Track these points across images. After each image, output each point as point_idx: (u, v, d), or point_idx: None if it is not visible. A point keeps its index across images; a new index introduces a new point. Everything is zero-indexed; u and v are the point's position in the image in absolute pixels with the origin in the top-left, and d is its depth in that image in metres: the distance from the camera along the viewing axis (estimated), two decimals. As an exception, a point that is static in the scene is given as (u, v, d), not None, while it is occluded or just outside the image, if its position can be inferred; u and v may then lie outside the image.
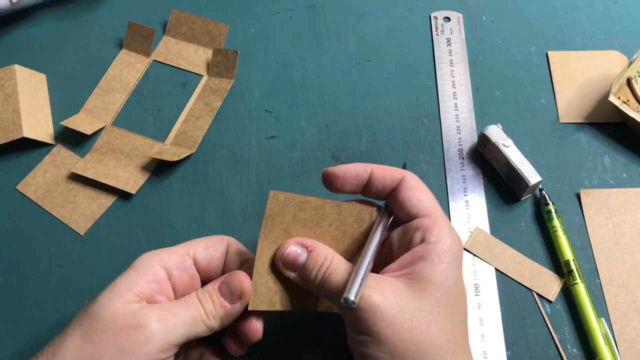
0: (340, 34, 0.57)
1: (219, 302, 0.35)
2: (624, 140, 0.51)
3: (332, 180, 0.38)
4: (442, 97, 0.53)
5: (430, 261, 0.34)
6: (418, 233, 0.35)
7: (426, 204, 0.36)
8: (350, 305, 0.31)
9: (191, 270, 0.37)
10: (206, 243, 0.38)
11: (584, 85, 0.54)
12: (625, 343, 0.43)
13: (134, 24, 0.55)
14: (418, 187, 0.37)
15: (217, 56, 0.54)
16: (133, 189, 0.49)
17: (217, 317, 0.35)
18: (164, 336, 0.33)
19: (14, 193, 0.49)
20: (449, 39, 0.56)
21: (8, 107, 0.51)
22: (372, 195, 0.38)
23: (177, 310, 0.34)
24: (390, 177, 0.37)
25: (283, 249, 0.36)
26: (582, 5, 0.59)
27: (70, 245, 0.47)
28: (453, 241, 0.35)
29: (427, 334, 0.32)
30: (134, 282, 0.34)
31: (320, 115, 0.53)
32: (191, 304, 0.35)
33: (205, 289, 0.36)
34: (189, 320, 0.34)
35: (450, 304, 0.34)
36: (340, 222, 0.37)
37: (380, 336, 0.32)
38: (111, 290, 0.34)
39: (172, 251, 0.37)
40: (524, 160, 0.47)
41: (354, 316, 0.33)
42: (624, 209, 0.48)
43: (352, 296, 0.31)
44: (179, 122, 0.52)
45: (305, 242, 0.36)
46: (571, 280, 0.44)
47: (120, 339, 0.32)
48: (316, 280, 0.35)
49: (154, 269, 0.35)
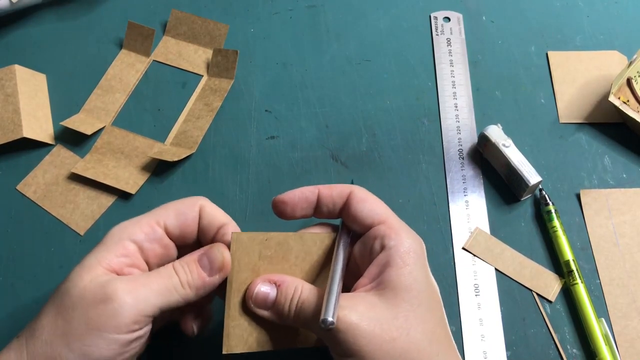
0: (340, 34, 0.57)
1: (197, 272, 0.34)
2: (624, 141, 0.51)
3: (282, 207, 0.37)
4: (442, 97, 0.53)
5: (395, 266, 0.34)
6: (377, 241, 0.35)
7: (378, 212, 0.36)
8: (329, 327, 0.31)
9: (164, 240, 0.36)
10: (177, 209, 0.37)
11: (584, 85, 0.54)
12: (625, 343, 0.43)
13: (134, 24, 0.55)
14: (367, 197, 0.37)
15: (217, 56, 0.54)
16: (133, 189, 0.49)
17: (193, 287, 0.34)
18: (133, 307, 0.32)
19: (14, 193, 0.49)
20: (449, 39, 0.56)
21: (8, 107, 0.51)
22: (325, 215, 0.38)
23: (147, 280, 0.33)
24: (338, 194, 0.37)
25: (252, 290, 0.35)
26: (582, 5, 0.59)
27: (70, 245, 0.47)
28: (412, 241, 0.35)
29: (409, 340, 0.32)
30: (102, 257, 0.34)
31: (320, 115, 0.53)
32: (164, 274, 0.34)
33: (183, 259, 0.35)
34: (161, 289, 0.33)
35: (424, 304, 0.34)
36: (306, 252, 0.37)
37: (364, 353, 0.31)
38: (80, 267, 0.34)
39: (142, 222, 0.36)
40: (524, 160, 0.47)
41: (334, 339, 0.32)
42: (624, 209, 0.48)
43: (330, 316, 0.31)
44: (179, 122, 0.52)
45: (272, 277, 0.35)
46: (571, 280, 0.44)
47: (90, 314, 0.32)
48: (290, 314, 0.34)
49: (123, 243, 0.35)
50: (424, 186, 0.49)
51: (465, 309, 0.44)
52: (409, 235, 0.36)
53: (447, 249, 0.46)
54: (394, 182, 0.49)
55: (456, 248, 0.46)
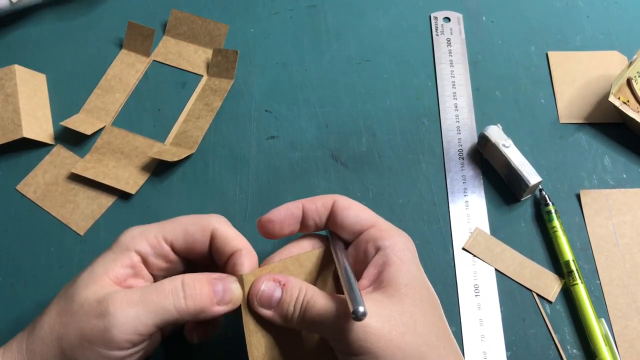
0: (340, 34, 0.57)
1: (208, 295, 0.34)
2: (624, 141, 0.51)
3: (270, 227, 0.37)
4: (442, 97, 0.53)
5: (393, 264, 0.34)
6: (370, 244, 0.36)
7: (366, 217, 0.37)
8: (361, 317, 0.30)
9: (170, 257, 0.36)
10: (186, 230, 0.36)
11: (584, 85, 0.54)
12: (625, 343, 0.43)
13: (134, 24, 0.55)
14: (351, 204, 0.37)
15: (217, 56, 0.54)
16: (133, 189, 0.49)
17: (198, 307, 0.33)
18: (126, 325, 0.32)
19: (14, 193, 0.49)
20: (449, 39, 0.56)
21: (8, 107, 0.51)
22: (312, 228, 0.38)
23: (146, 298, 0.32)
24: (322, 205, 0.37)
25: (256, 288, 0.34)
26: (582, 5, 0.59)
27: (70, 245, 0.47)
28: (406, 240, 0.36)
29: (417, 335, 0.32)
30: (110, 268, 0.34)
31: (320, 115, 0.53)
32: (163, 290, 0.33)
33: (196, 276, 0.34)
34: (158, 309, 0.32)
35: (425, 299, 0.34)
36: (307, 273, 0.37)
37: (376, 350, 0.31)
38: (90, 273, 0.34)
39: (150, 234, 0.35)
40: (523, 160, 0.47)
41: (344, 339, 0.32)
42: (624, 209, 0.48)
43: (360, 306, 0.30)
44: (179, 122, 0.52)
45: (277, 277, 0.35)
46: (571, 280, 0.44)
47: (84, 325, 0.32)
48: (295, 313, 0.33)
49: (129, 254, 0.35)
50: (424, 186, 0.49)
51: (465, 309, 0.44)
52: (400, 235, 0.36)
53: (447, 249, 0.47)
54: (394, 182, 0.49)
55: (456, 248, 0.46)
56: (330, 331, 0.32)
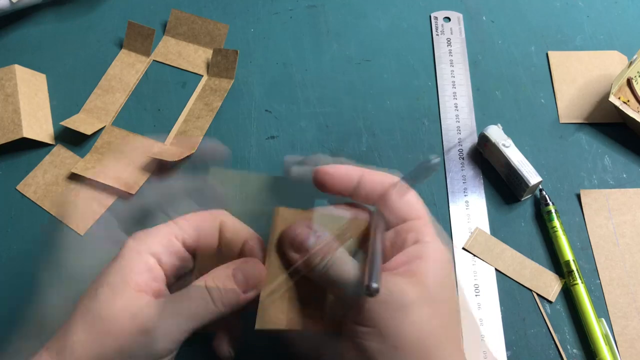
0: (340, 34, 0.57)
1: (232, 289, 0.34)
2: (624, 141, 0.51)
3: (324, 178, 0.37)
4: (442, 97, 0.53)
5: (427, 260, 0.34)
6: (411, 234, 0.35)
7: (417, 207, 0.37)
8: (373, 293, 0.31)
9: (181, 254, 0.36)
10: (196, 225, 0.37)
11: (584, 85, 0.54)
12: (625, 343, 0.43)
13: (134, 24, 0.55)
14: (408, 191, 0.37)
15: (217, 56, 0.54)
16: (133, 189, 0.49)
17: (228, 305, 0.34)
18: (166, 336, 0.33)
19: (14, 193, 0.49)
20: (449, 39, 0.56)
21: (8, 107, 0.51)
22: (361, 198, 0.38)
23: (180, 307, 0.34)
24: (380, 182, 0.37)
25: (294, 229, 0.35)
26: (582, 5, 0.59)
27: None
28: (446, 242, 0.36)
29: (429, 328, 0.32)
30: (128, 277, 0.34)
31: (320, 115, 0.53)
32: (196, 296, 0.34)
33: (215, 274, 0.35)
34: (192, 314, 0.34)
35: (446, 301, 0.34)
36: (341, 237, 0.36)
37: (385, 326, 0.32)
38: (109, 289, 0.34)
39: (160, 234, 0.36)
40: (524, 160, 0.47)
41: (360, 306, 0.32)
42: (624, 209, 0.48)
43: (374, 282, 0.31)
44: (179, 122, 0.52)
45: (314, 226, 0.35)
46: (571, 280, 0.44)
47: (123, 343, 0.32)
48: (320, 264, 0.34)
49: (144, 258, 0.35)
50: (424, 186, 0.49)
51: (466, 309, 0.44)
52: (442, 236, 0.36)
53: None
54: (394, 182, 0.49)
55: (456, 248, 0.46)
56: (347, 296, 0.33)
